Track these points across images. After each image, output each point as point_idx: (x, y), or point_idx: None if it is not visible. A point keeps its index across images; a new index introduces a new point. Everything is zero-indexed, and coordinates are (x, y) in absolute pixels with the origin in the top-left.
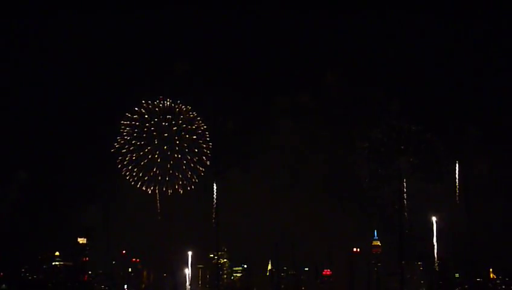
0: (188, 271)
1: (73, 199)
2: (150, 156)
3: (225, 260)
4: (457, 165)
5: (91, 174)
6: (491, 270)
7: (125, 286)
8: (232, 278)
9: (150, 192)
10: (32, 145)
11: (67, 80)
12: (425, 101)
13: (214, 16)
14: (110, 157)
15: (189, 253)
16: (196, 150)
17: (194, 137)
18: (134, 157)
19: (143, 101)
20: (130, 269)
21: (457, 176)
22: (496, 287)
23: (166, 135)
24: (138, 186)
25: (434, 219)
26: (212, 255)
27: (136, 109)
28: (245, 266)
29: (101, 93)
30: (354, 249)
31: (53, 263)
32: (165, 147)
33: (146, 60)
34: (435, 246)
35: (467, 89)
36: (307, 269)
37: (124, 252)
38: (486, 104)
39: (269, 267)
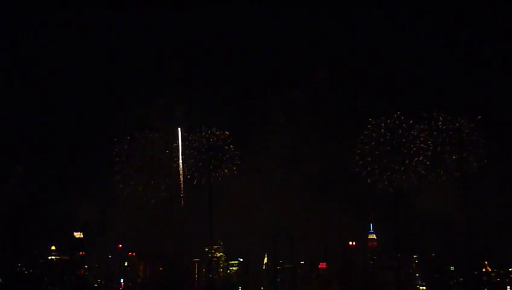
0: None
1: (69, 193)
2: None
3: (221, 254)
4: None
5: (88, 169)
6: (486, 263)
7: (121, 280)
8: (228, 272)
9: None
10: (29, 139)
11: (65, 77)
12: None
13: (207, 13)
14: (107, 152)
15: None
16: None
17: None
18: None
19: None
20: (126, 263)
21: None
22: (491, 280)
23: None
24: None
25: None
26: (208, 249)
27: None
28: (241, 259)
29: (98, 89)
30: (350, 243)
31: (49, 258)
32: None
33: (141, 58)
34: None
35: (459, 84)
36: (302, 262)
37: (120, 246)
38: (479, 99)
39: (265, 260)
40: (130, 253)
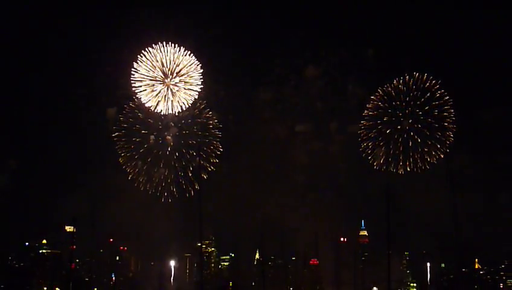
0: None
1: (60, 187)
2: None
3: (212, 249)
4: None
5: (79, 163)
6: (476, 260)
7: (113, 274)
8: (220, 267)
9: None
10: (22, 134)
11: (57, 70)
12: None
13: (197, 10)
14: (98, 145)
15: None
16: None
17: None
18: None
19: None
20: (117, 257)
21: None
22: (481, 277)
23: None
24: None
25: None
26: (199, 244)
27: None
28: (232, 255)
29: (90, 83)
30: (341, 239)
31: (40, 251)
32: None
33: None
34: None
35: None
36: (294, 258)
37: (111, 240)
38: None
39: (257, 256)
40: (121, 247)
